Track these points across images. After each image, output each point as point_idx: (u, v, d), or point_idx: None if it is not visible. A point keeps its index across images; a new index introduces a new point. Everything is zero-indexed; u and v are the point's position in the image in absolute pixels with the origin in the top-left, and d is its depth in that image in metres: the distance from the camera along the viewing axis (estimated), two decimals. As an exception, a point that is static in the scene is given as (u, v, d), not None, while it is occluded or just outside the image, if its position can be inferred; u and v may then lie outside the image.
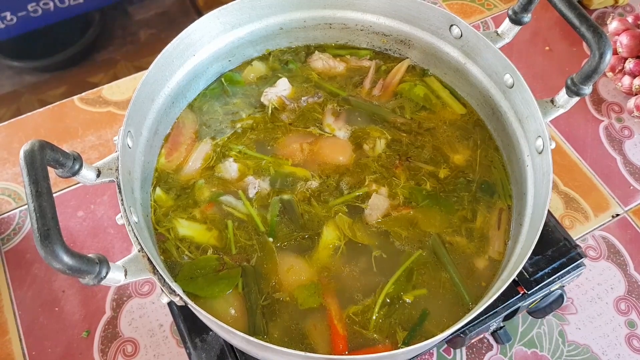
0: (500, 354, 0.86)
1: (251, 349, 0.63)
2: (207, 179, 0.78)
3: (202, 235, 0.73)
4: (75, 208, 0.97)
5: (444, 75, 0.88)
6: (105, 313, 0.87)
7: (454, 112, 0.86)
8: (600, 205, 1.01)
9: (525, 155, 0.74)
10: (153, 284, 0.90)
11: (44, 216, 0.46)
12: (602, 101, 1.16)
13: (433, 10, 0.81)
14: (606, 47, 0.61)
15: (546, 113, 0.70)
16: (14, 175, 1.01)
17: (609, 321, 0.90)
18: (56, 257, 0.45)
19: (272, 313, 0.67)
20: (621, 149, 1.09)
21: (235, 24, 0.83)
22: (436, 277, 0.71)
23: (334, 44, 0.92)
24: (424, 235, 0.74)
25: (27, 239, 0.94)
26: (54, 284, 0.89)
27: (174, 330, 0.86)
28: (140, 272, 0.57)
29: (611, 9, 1.32)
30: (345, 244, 0.72)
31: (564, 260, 0.78)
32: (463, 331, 0.73)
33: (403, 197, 0.77)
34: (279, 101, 0.85)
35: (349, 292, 0.69)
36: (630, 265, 0.95)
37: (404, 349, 0.59)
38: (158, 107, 0.76)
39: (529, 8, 0.74)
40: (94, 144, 1.05)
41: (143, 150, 0.73)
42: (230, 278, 0.69)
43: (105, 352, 0.84)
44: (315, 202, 0.75)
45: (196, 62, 0.81)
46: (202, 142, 0.81)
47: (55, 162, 0.54)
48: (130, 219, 0.60)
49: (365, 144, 0.82)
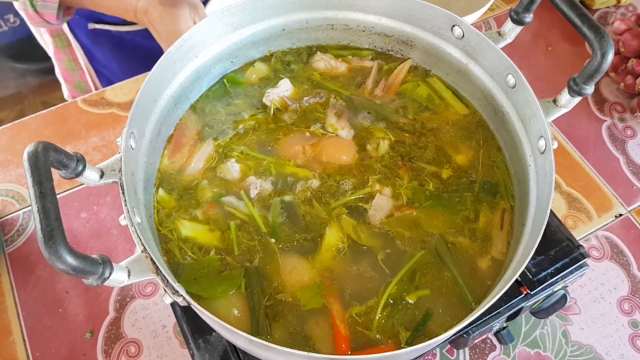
0: (503, 354, 0.85)
1: (254, 350, 0.63)
2: (210, 179, 0.78)
3: (204, 236, 0.73)
4: (78, 209, 0.98)
5: (446, 75, 0.88)
6: (109, 314, 0.87)
7: (456, 112, 0.86)
8: (603, 205, 1.01)
9: (528, 156, 0.74)
10: (156, 284, 0.91)
11: (48, 217, 0.47)
12: (605, 101, 1.16)
13: (435, 11, 0.81)
14: (608, 46, 0.61)
15: (548, 113, 0.70)
16: (18, 177, 1.01)
17: (613, 321, 0.90)
18: (60, 258, 0.45)
19: (275, 314, 0.67)
20: (624, 149, 1.09)
21: (238, 25, 0.83)
22: (439, 278, 0.71)
23: (336, 45, 0.92)
24: (426, 236, 0.74)
25: (31, 240, 0.94)
26: (58, 285, 0.90)
27: (177, 331, 0.86)
28: (143, 272, 0.57)
29: (613, 8, 1.31)
30: (349, 246, 0.72)
31: (567, 261, 0.78)
32: (466, 331, 0.73)
33: (406, 197, 0.77)
34: (281, 102, 0.86)
35: (352, 293, 0.69)
36: (633, 266, 0.95)
37: (407, 349, 0.59)
38: (161, 108, 0.77)
39: (530, 8, 0.74)
40: (97, 146, 1.05)
41: (146, 151, 0.73)
42: (233, 279, 0.69)
43: (108, 353, 0.84)
44: (317, 204, 0.76)
45: (199, 64, 0.81)
46: (204, 143, 0.81)
47: (59, 163, 0.55)
48: (134, 219, 0.60)
49: (368, 144, 0.82)
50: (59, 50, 1.37)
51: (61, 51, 1.37)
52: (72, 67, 1.40)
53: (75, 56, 1.37)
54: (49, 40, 1.35)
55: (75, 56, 1.37)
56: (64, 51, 1.37)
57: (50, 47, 1.38)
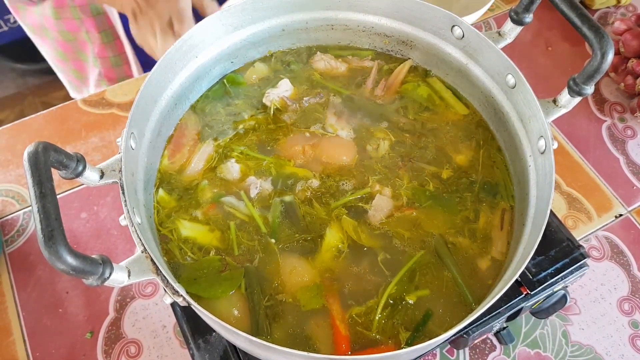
0: (503, 355, 0.85)
1: (254, 350, 0.63)
2: (210, 180, 0.78)
3: (204, 236, 0.73)
4: (78, 209, 0.98)
5: (446, 75, 0.88)
6: (109, 314, 0.87)
7: (456, 112, 0.86)
8: (603, 206, 1.01)
9: (528, 156, 0.74)
10: (156, 285, 0.91)
11: (48, 217, 0.47)
12: (605, 101, 1.16)
13: (435, 11, 0.81)
14: (608, 47, 0.61)
15: (548, 113, 0.70)
16: (18, 177, 1.01)
17: (613, 322, 0.90)
18: (60, 258, 0.45)
19: (275, 314, 0.67)
20: (624, 149, 1.09)
21: (238, 26, 0.83)
22: (439, 278, 0.71)
23: (336, 45, 0.92)
24: (426, 236, 0.74)
25: (31, 241, 0.94)
26: (58, 285, 0.90)
27: (177, 331, 0.86)
28: (143, 273, 0.57)
29: (613, 9, 1.31)
30: (348, 246, 0.72)
31: (567, 261, 0.78)
32: (466, 332, 0.73)
33: (406, 197, 0.77)
34: (281, 102, 0.86)
35: (352, 293, 0.69)
36: (633, 266, 0.95)
37: (407, 349, 0.59)
38: (161, 108, 0.77)
39: (530, 8, 0.74)
40: (97, 146, 1.05)
41: (146, 151, 0.73)
42: (233, 279, 0.69)
43: (109, 353, 0.84)
44: (317, 204, 0.76)
45: (199, 64, 0.81)
46: (204, 143, 0.81)
47: (59, 163, 0.55)
48: (134, 220, 0.60)
49: (368, 145, 0.82)
50: (105, 46, 1.30)
51: (107, 47, 1.31)
52: (118, 62, 1.34)
53: (122, 49, 1.32)
54: (95, 37, 1.28)
55: (123, 49, 1.32)
56: (110, 46, 1.31)
57: (93, 47, 1.31)
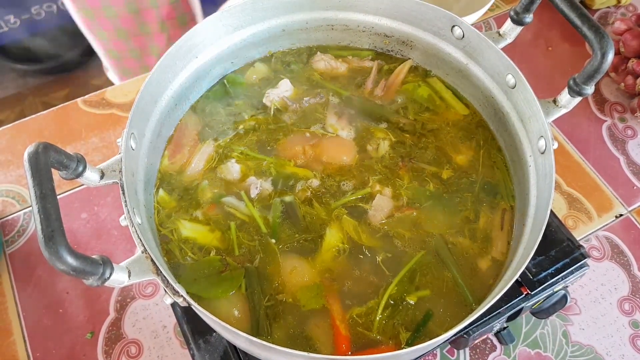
0: (503, 355, 0.85)
1: (254, 350, 0.63)
2: (210, 180, 0.78)
3: (205, 236, 0.73)
4: (79, 210, 0.98)
5: (446, 75, 0.88)
6: (109, 314, 0.87)
7: (457, 112, 0.86)
8: (603, 206, 1.01)
9: (528, 156, 0.74)
10: (156, 285, 0.91)
11: (48, 218, 0.47)
12: (605, 101, 1.16)
13: (435, 11, 0.81)
14: (608, 47, 0.61)
15: (548, 113, 0.70)
16: (18, 178, 1.01)
17: (613, 322, 0.89)
18: (60, 258, 0.45)
19: (275, 314, 0.67)
20: (624, 149, 1.09)
21: (238, 26, 0.83)
22: (439, 278, 0.71)
23: (336, 45, 0.92)
24: (427, 236, 0.74)
25: (31, 241, 0.94)
26: (58, 285, 0.90)
27: (177, 331, 0.86)
28: (143, 273, 0.57)
29: (613, 9, 1.31)
30: (349, 246, 0.72)
31: (568, 261, 0.78)
32: (466, 332, 0.73)
33: (406, 198, 0.77)
34: (281, 102, 0.86)
35: (352, 293, 0.69)
36: (634, 266, 0.95)
37: (408, 349, 0.59)
38: (161, 109, 0.77)
39: (530, 8, 0.74)
40: (97, 146, 1.05)
41: (146, 152, 0.73)
42: (233, 279, 0.69)
43: (109, 353, 0.84)
44: (317, 204, 0.76)
45: (199, 64, 0.81)
46: (204, 143, 0.81)
47: (59, 164, 0.55)
48: (134, 220, 0.60)
49: (368, 145, 0.82)
50: (172, 7, 1.27)
51: (174, 8, 1.28)
52: (184, 21, 1.31)
53: (188, 8, 1.30)
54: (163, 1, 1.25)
55: (188, 8, 1.30)
56: (176, 5, 1.28)
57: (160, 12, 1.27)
